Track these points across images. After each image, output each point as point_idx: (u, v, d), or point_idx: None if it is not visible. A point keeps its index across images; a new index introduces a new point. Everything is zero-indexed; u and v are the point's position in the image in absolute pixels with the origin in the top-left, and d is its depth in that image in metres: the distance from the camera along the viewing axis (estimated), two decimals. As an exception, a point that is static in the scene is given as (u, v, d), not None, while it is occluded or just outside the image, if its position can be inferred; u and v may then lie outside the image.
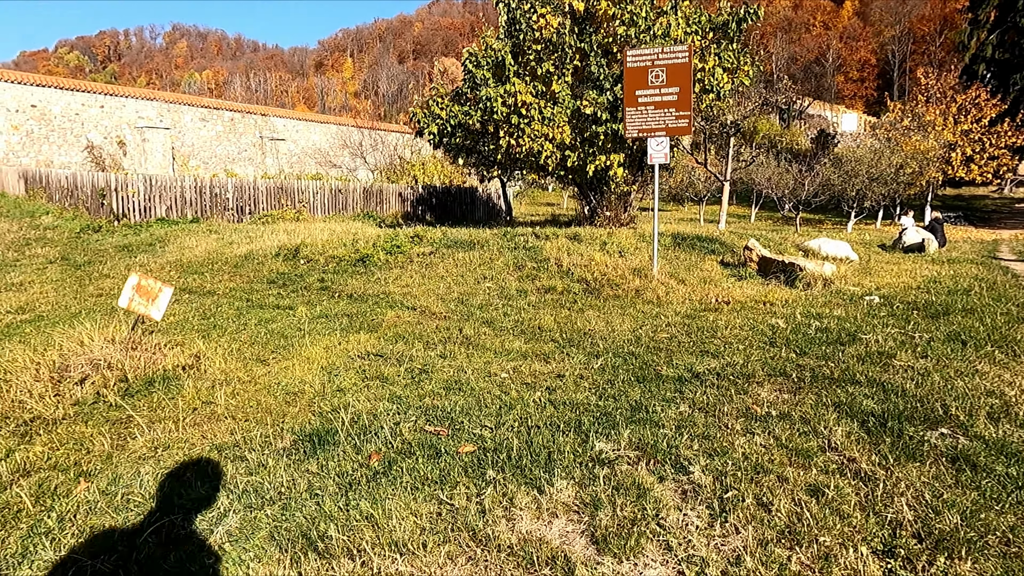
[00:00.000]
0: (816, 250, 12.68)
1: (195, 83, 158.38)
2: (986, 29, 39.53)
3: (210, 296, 7.00)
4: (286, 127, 39.60)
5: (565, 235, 10.26)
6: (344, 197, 19.32)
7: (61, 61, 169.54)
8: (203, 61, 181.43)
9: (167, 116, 34.83)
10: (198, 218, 16.23)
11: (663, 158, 7.86)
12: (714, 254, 10.27)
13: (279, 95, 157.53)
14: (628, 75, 7.85)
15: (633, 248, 9.48)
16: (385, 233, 13.46)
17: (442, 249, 8.53)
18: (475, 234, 10.66)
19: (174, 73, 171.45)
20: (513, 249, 8.37)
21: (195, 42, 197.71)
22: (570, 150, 12.90)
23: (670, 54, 7.64)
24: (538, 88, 12.50)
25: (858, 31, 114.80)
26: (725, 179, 13.69)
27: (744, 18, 13.45)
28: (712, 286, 7.92)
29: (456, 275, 7.37)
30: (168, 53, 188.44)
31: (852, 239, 20.74)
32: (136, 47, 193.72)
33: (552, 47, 12.65)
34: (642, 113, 7.82)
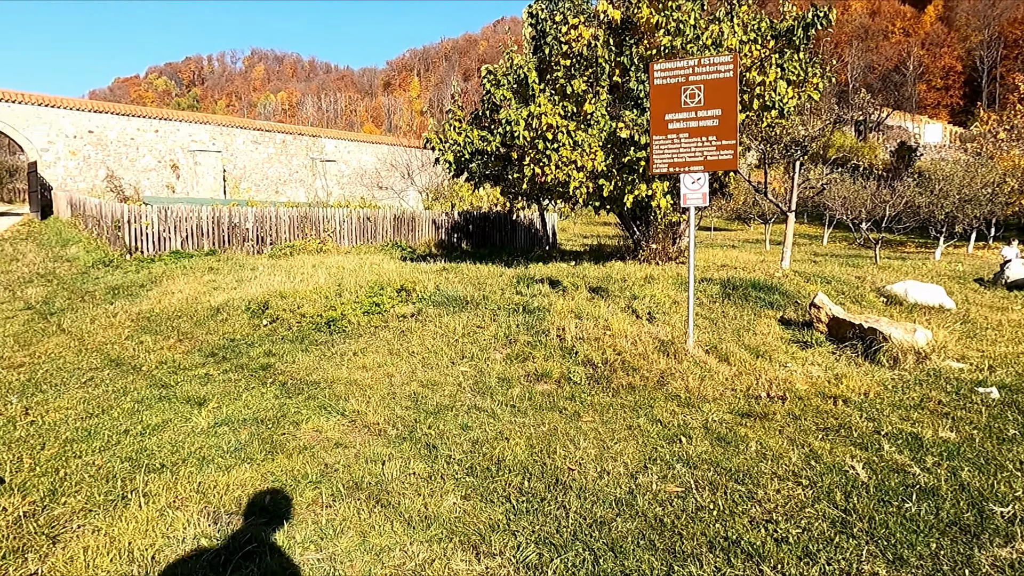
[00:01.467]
0: (902, 296, 10.55)
1: (270, 104, 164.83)
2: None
3: (131, 374, 5.73)
4: (336, 148, 39.39)
5: (588, 285, 8.62)
6: (372, 225, 18.22)
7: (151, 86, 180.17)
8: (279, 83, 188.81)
9: (219, 139, 35.07)
10: (215, 250, 15.38)
11: (700, 199, 6.14)
12: (772, 308, 8.38)
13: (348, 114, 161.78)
14: (655, 94, 6.19)
15: (669, 304, 7.73)
16: (399, 269, 12.13)
17: (429, 308, 7.04)
18: (482, 282, 9.16)
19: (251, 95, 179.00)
20: (513, 311, 6.78)
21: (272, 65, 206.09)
22: (605, 178, 11.25)
23: (709, 67, 5.94)
24: (568, 109, 10.93)
25: (942, 37, 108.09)
26: (789, 209, 11.71)
27: (812, 23, 11.51)
28: (765, 363, 6.11)
29: (430, 351, 5.85)
30: (247, 76, 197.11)
31: (942, 270, 18.14)
32: (218, 71, 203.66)
33: (585, 62, 11.08)
34: (673, 143, 6.13)
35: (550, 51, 10.87)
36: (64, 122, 29.74)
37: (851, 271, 14.84)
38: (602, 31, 10.81)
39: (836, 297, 10.04)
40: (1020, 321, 10.08)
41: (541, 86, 10.92)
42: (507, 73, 10.82)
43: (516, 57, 10.80)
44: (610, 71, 11.57)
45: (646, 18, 11.05)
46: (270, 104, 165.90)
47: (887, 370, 6.24)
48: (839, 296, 10.11)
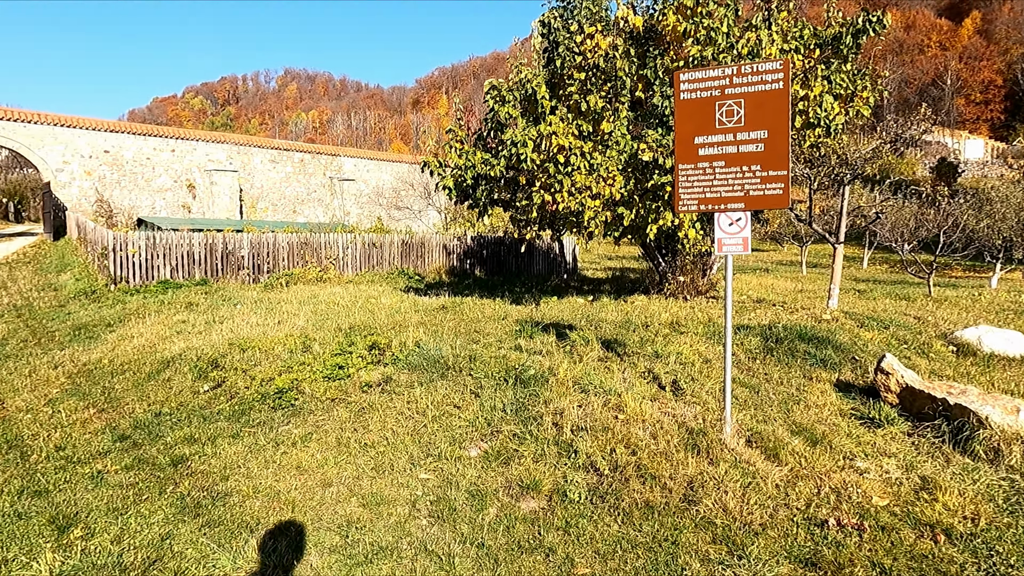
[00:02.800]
0: (975, 345, 8.97)
1: (301, 122, 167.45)
2: None
3: (11, 466, 4.54)
4: (356, 167, 38.66)
5: (602, 337, 7.26)
6: (378, 252, 17.07)
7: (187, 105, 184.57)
8: (310, 102, 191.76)
9: (236, 158, 34.53)
10: (207, 279, 14.36)
11: (740, 246, 4.77)
12: (825, 367, 6.92)
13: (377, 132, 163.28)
14: (681, 112, 4.86)
15: (699, 365, 6.34)
16: (396, 305, 10.91)
17: (402, 374, 5.74)
18: (479, 328, 7.87)
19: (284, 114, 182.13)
20: (502, 382, 5.44)
21: (304, 84, 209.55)
22: (625, 206, 9.90)
23: (753, 76, 4.60)
24: (583, 128, 9.64)
25: (981, 50, 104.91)
26: (837, 242, 10.22)
27: (864, 29, 10.09)
28: (826, 457, 4.69)
29: (388, 443, 4.54)
30: (280, 95, 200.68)
31: (1003, 302, 16.35)
32: (252, 91, 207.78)
33: (603, 75, 9.79)
34: (705, 173, 4.78)
35: (562, 63, 9.60)
36: (80, 142, 29.40)
37: (904, 307, 13.21)
38: (621, 40, 9.53)
39: (898, 348, 8.52)
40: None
41: (552, 103, 9.66)
42: (513, 88, 9.57)
43: (524, 70, 9.56)
44: (632, 85, 10.27)
45: (672, 26, 9.75)
46: (301, 122, 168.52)
47: (987, 467, 4.76)
48: (901, 347, 8.58)
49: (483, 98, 9.62)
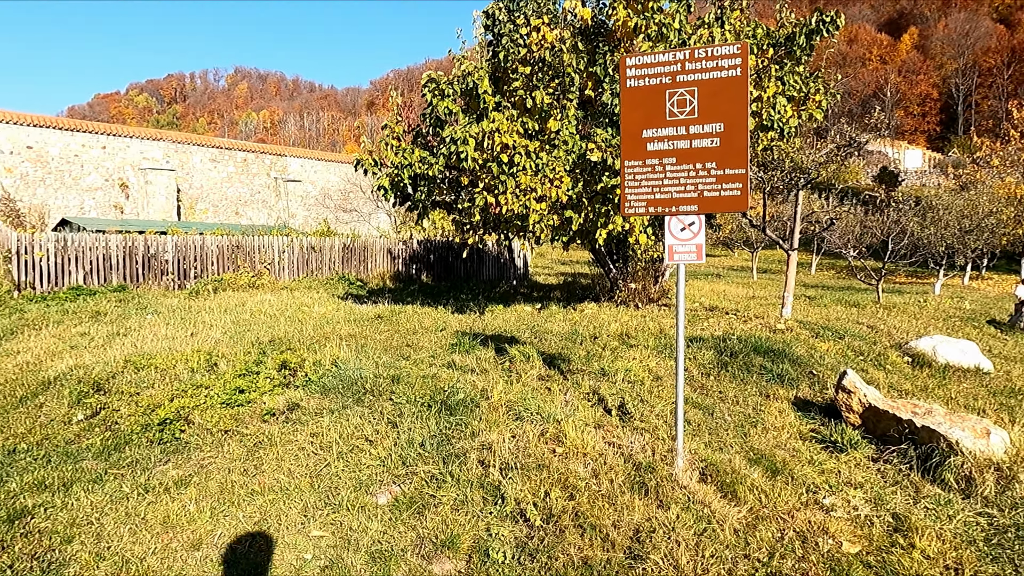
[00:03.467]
0: (930, 355, 8.71)
1: (252, 122, 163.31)
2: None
3: None
4: (302, 168, 37.31)
5: (545, 352, 6.65)
6: (318, 256, 16.13)
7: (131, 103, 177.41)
8: (262, 101, 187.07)
9: (174, 157, 32.85)
10: (125, 285, 13.22)
11: (693, 254, 4.21)
12: (782, 383, 6.45)
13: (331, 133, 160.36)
14: (628, 101, 4.27)
15: (649, 383, 5.77)
16: (329, 315, 10.09)
17: (312, 399, 4.99)
18: (413, 342, 7.17)
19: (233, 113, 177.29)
20: (426, 408, 4.74)
21: (255, 83, 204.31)
22: (573, 209, 9.33)
23: (708, 61, 4.05)
24: (528, 126, 9.03)
25: (918, 65, 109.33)
26: (791, 248, 9.88)
27: (817, 29, 9.78)
28: (788, 492, 4.16)
29: (282, 489, 3.80)
30: (229, 94, 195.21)
31: (948, 308, 16.46)
32: (200, 89, 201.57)
33: (550, 71, 9.21)
34: (654, 171, 4.21)
35: (506, 56, 8.98)
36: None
37: (855, 314, 13.04)
38: (569, 33, 8.96)
39: (854, 359, 8.16)
40: (1071, 386, 8.29)
41: (496, 99, 9.02)
42: (453, 82, 8.90)
43: (464, 62, 8.90)
44: (580, 83, 9.72)
45: (622, 20, 9.24)
46: (252, 122, 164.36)
47: (960, 500, 4.31)
48: (857, 358, 8.23)
49: (421, 92, 8.93)
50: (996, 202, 21.89)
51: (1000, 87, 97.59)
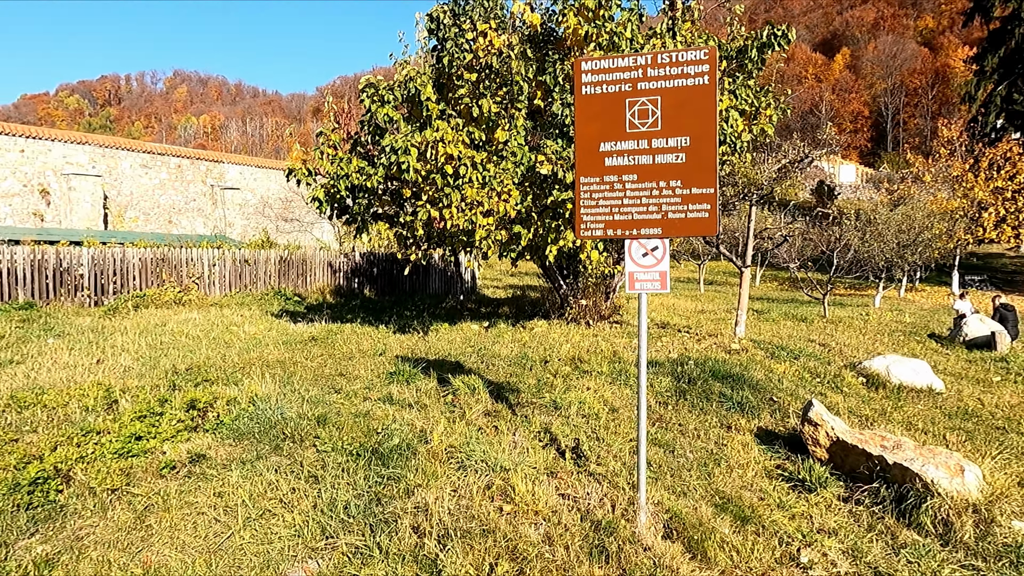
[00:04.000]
0: (884, 376, 8.58)
1: (191, 127, 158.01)
2: (993, 80, 36.49)
3: None
4: (241, 175, 35.83)
5: (492, 382, 6.12)
6: (252, 269, 15.18)
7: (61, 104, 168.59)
8: (202, 106, 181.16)
9: (101, 162, 30.99)
10: (33, 302, 12.03)
11: (657, 283, 3.75)
12: (743, 412, 6.09)
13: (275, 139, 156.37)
14: (583, 110, 3.80)
15: (604, 419, 5.30)
16: (260, 335, 9.30)
17: (223, 447, 4.31)
18: (348, 371, 6.52)
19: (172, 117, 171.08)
20: (354, 459, 4.12)
21: (196, 87, 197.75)
22: (522, 224, 8.85)
23: (672, 67, 3.62)
24: (475, 136, 8.52)
25: (850, 83, 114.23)
26: (744, 265, 9.65)
27: (768, 43, 9.62)
28: (761, 546, 3.73)
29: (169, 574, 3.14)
30: (168, 98, 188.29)
31: (890, 322, 16.73)
32: (136, 91, 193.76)
33: (498, 78, 8.73)
34: (612, 189, 3.74)
35: (451, 61, 8.44)
36: (-100, 138, 25.22)
37: (805, 330, 12.99)
38: (518, 40, 8.51)
39: (812, 382, 7.92)
40: (1017, 404, 8.30)
41: (441, 106, 8.48)
42: (394, 88, 8.31)
43: (405, 67, 8.32)
44: (530, 91, 9.28)
45: (573, 28, 8.84)
46: (191, 127, 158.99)
47: (939, 546, 3.97)
48: (814, 381, 7.99)
49: (359, 98, 8.30)
50: (931, 217, 22.57)
51: (925, 106, 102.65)
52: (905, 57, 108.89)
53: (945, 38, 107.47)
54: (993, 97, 35.49)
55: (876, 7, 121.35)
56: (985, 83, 36.89)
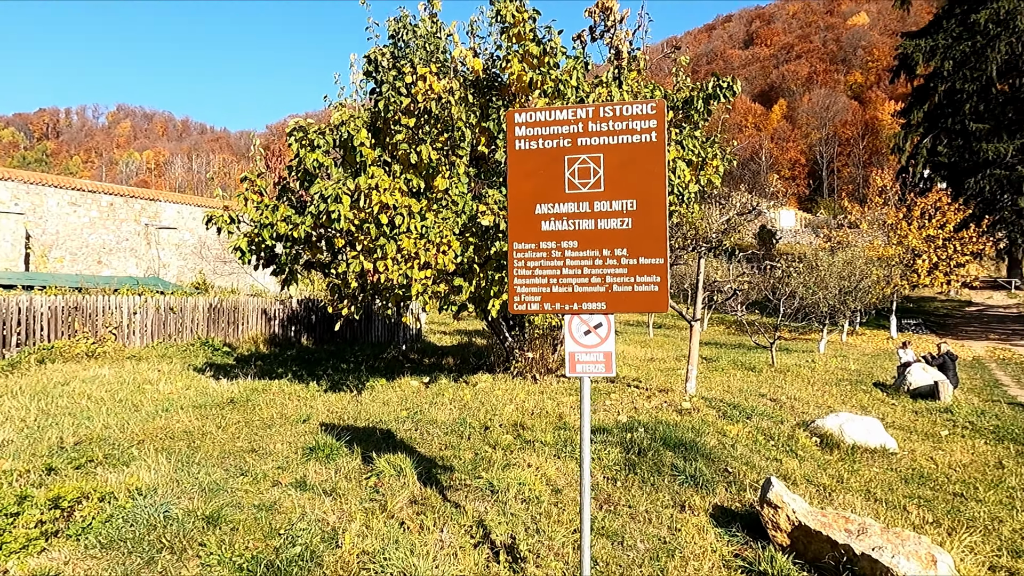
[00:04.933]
0: (837, 436, 8.31)
1: (134, 163, 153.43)
2: (919, 133, 38.46)
3: None
4: (179, 214, 34.40)
5: (422, 459, 5.51)
6: (179, 318, 14.15)
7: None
8: (146, 141, 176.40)
9: (25, 199, 29.27)
10: (-80, 357, 10.78)
11: (602, 365, 3.26)
12: (697, 487, 5.61)
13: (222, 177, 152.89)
14: (517, 167, 3.34)
15: (546, 505, 4.73)
16: (164, 399, 8.43)
17: (83, 564, 3.55)
18: (262, 444, 5.78)
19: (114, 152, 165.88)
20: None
21: (140, 123, 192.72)
22: (463, 276, 8.34)
23: (616, 122, 3.20)
24: (413, 184, 8.02)
25: (788, 133, 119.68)
26: (694, 319, 9.34)
27: (714, 94, 9.53)
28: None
29: None
30: (110, 132, 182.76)
31: (835, 369, 16.80)
32: (77, 125, 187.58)
33: (439, 124, 8.31)
34: (551, 256, 3.27)
35: (387, 105, 7.98)
36: None
37: (755, 382, 12.78)
38: (459, 84, 8.12)
39: (765, 445, 7.54)
40: (969, 463, 8.13)
41: (377, 152, 7.98)
42: (325, 132, 7.77)
43: (337, 111, 7.81)
44: (473, 138, 8.89)
45: (517, 74, 8.53)
46: (134, 163, 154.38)
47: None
48: (768, 444, 7.62)
49: (287, 141, 7.73)
50: (870, 264, 23.14)
51: (857, 156, 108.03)
52: (837, 109, 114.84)
53: (873, 92, 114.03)
54: (920, 149, 37.31)
55: (809, 62, 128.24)
56: (912, 135, 38.78)
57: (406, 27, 9.32)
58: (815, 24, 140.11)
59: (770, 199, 11.16)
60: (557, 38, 8.83)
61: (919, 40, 34.75)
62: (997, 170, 30.99)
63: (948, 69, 33.06)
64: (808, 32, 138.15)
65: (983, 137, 32.11)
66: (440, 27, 9.77)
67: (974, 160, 32.45)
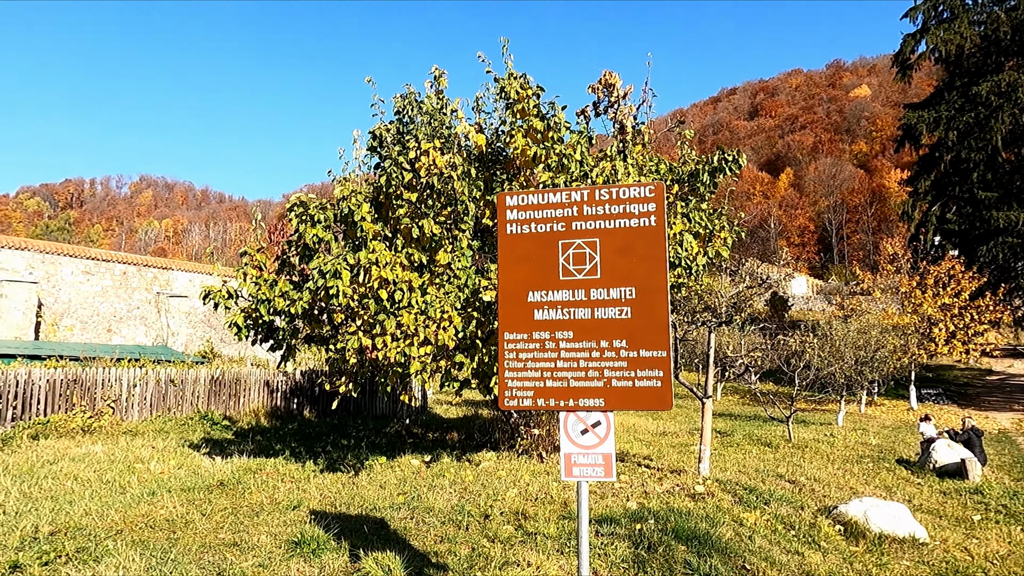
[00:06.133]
0: (863, 524, 7.77)
1: (152, 231, 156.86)
2: (927, 201, 38.48)
3: None
4: (191, 282, 34.65)
5: (418, 554, 5.11)
6: (179, 391, 13.90)
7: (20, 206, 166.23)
8: (166, 210, 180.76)
9: (40, 268, 29.66)
10: (-89, 432, 10.54)
11: (601, 468, 2.97)
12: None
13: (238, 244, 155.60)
14: (508, 252, 3.16)
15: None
16: (152, 480, 8.09)
17: None
18: (245, 540, 5.41)
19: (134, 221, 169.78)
20: None
21: (161, 192, 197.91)
22: (465, 352, 8.09)
23: (613, 205, 3.03)
24: (415, 258, 7.90)
25: (795, 200, 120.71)
26: (705, 396, 8.98)
27: (720, 167, 9.48)
28: None
29: None
30: (132, 202, 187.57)
31: (855, 444, 16.13)
32: (100, 195, 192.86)
33: (442, 197, 8.26)
34: (544, 348, 3.03)
35: (388, 180, 7.96)
36: None
37: (772, 460, 12.21)
38: (461, 159, 8.11)
39: (785, 535, 7.04)
40: (1007, 555, 7.54)
41: (378, 227, 7.90)
42: (326, 206, 7.72)
43: (339, 186, 7.79)
44: (477, 211, 8.84)
45: (521, 149, 8.54)
46: (153, 231, 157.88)
47: None
48: (788, 533, 7.11)
49: (287, 216, 7.68)
50: (885, 334, 22.66)
51: (866, 223, 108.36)
52: (844, 177, 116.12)
53: (879, 161, 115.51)
54: (929, 216, 37.25)
55: (814, 132, 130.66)
56: (920, 203, 38.79)
57: (411, 103, 9.45)
58: (818, 96, 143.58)
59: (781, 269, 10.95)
60: (561, 113, 8.88)
61: (922, 111, 35.22)
62: (1009, 238, 30.75)
63: (952, 139, 33.35)
64: (811, 104, 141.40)
65: (992, 205, 32.03)
66: (445, 103, 9.90)
67: (985, 228, 32.26)
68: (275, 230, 17.49)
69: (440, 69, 9.64)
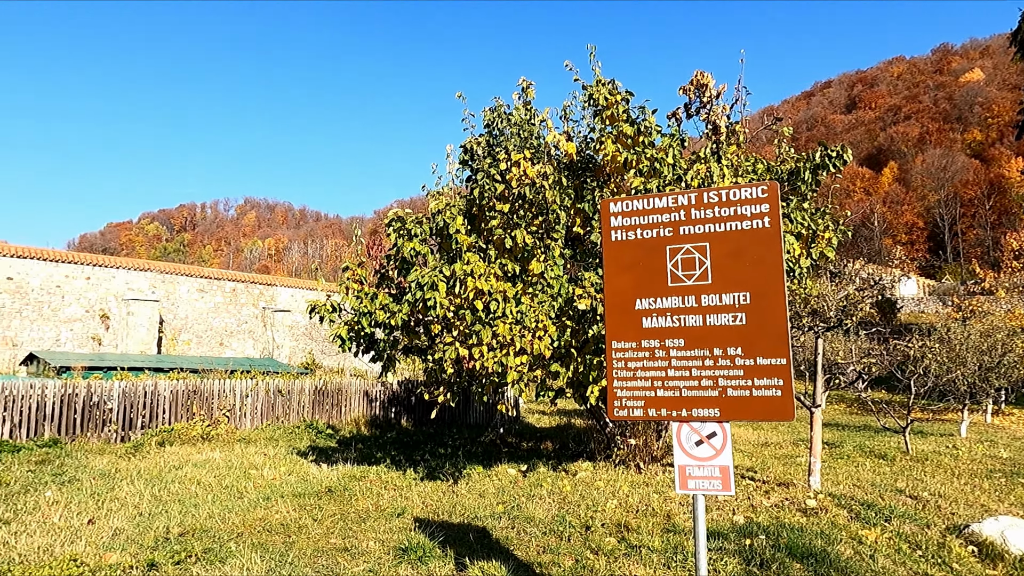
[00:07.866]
0: (999, 545, 7.07)
1: (257, 249, 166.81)
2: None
3: None
4: (293, 297, 36.54)
5: (522, 564, 5.11)
6: (286, 400, 14.65)
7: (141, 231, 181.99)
8: (268, 230, 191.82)
9: (161, 287, 32.17)
10: (59, 439, 11.67)
11: (718, 481, 2.86)
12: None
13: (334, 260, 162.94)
14: (613, 259, 3.12)
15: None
16: (266, 486, 8.52)
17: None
18: (348, 549, 5.60)
19: (240, 240, 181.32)
20: None
21: (263, 213, 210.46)
22: (560, 360, 8.06)
23: (723, 207, 2.93)
24: (508, 268, 7.98)
25: (901, 196, 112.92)
26: (814, 405, 8.52)
27: (823, 164, 9.02)
28: None
29: None
30: (238, 223, 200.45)
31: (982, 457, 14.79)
32: (210, 218, 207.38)
33: (533, 207, 8.31)
34: (654, 357, 2.96)
35: (481, 192, 8.09)
36: (-23, 268, 26.78)
37: (888, 474, 11.39)
38: (552, 169, 8.12)
39: (910, 555, 6.53)
40: None
41: (472, 238, 8.03)
42: (422, 221, 7.94)
43: (434, 200, 7.99)
44: (567, 220, 8.82)
45: (611, 155, 8.46)
46: (257, 249, 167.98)
47: None
48: (913, 553, 6.60)
49: (386, 231, 7.95)
50: (1013, 337, 20.74)
51: (983, 217, 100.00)
52: (956, 169, 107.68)
53: (996, 150, 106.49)
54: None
55: (919, 122, 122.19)
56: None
57: (500, 116, 9.57)
58: (923, 84, 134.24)
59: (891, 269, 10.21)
60: (651, 117, 8.73)
61: (1047, 93, 32.22)
62: None
63: (1085, 121, 30.24)
64: (916, 92, 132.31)
65: None
66: (534, 113, 9.97)
67: None
68: (372, 244, 18.24)
69: (527, 80, 9.73)
